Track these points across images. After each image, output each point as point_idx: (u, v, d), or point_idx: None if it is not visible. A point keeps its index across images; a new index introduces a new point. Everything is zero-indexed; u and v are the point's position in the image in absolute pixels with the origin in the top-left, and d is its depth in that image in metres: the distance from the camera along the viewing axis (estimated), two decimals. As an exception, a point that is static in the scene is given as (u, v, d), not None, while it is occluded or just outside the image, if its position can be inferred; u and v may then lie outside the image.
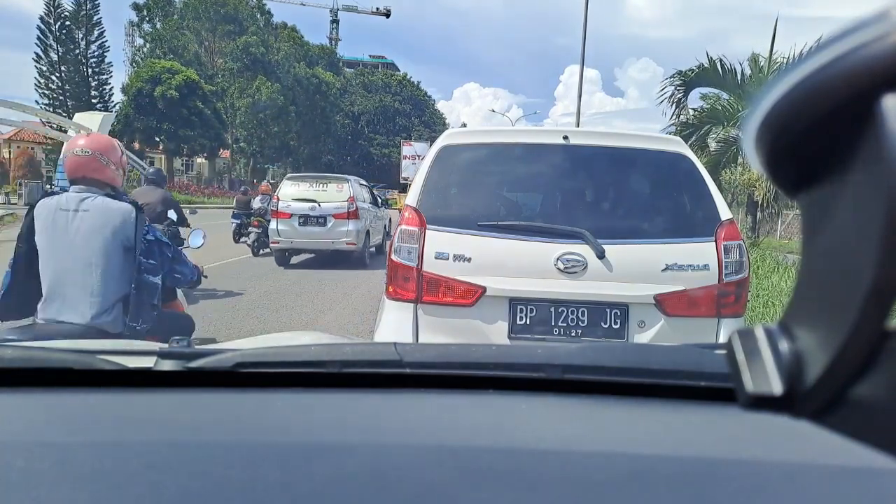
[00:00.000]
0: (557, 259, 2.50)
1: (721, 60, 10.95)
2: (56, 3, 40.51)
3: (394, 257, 2.62)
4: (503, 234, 2.58)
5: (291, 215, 9.99)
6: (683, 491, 0.61)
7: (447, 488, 0.60)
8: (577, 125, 16.32)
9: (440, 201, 2.68)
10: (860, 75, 0.24)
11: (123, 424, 0.77)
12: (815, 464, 0.66)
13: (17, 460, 0.64)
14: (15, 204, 25.47)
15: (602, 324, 2.51)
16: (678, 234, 2.59)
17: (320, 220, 10.08)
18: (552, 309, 2.52)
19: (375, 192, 12.98)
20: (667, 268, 2.51)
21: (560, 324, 2.52)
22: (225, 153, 51.18)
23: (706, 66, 11.07)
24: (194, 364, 0.90)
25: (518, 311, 2.54)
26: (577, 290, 2.49)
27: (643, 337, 2.51)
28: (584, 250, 2.50)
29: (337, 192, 10.20)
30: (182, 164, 52.65)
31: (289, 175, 11.65)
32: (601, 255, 2.49)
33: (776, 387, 0.29)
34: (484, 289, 2.53)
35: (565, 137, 2.72)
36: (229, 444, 0.70)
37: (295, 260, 10.66)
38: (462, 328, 2.57)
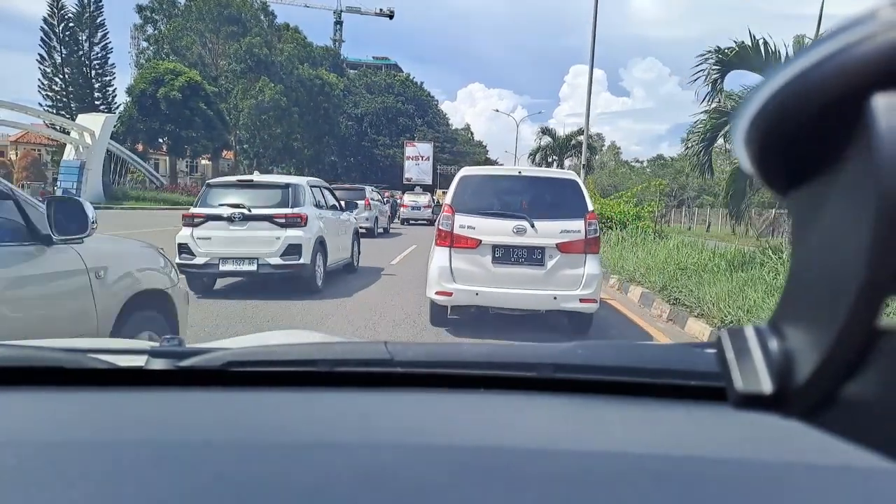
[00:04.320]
0: (513, 227, 5.37)
1: (765, 40, 9.43)
2: (60, 5, 40.62)
3: (439, 227, 5.52)
4: (490, 217, 5.48)
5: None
6: (674, 489, 0.61)
7: (438, 487, 0.60)
8: (587, 125, 16.87)
9: (462, 201, 5.58)
10: (850, 74, 0.24)
11: (114, 423, 0.77)
12: (805, 462, 0.66)
13: (8, 459, 0.64)
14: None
15: (533, 256, 5.38)
16: (568, 217, 5.43)
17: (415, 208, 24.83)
18: (511, 250, 5.40)
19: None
20: (562, 231, 5.36)
21: (514, 256, 5.39)
22: (228, 154, 51.22)
23: (748, 45, 9.49)
24: (185, 363, 0.90)
25: (496, 250, 5.41)
26: (522, 241, 5.36)
27: (551, 262, 5.35)
28: (525, 224, 5.37)
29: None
30: (186, 166, 52.75)
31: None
32: (533, 226, 5.36)
33: (766, 385, 0.29)
34: (480, 241, 5.39)
35: (519, 172, 5.85)
36: (220, 443, 0.70)
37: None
38: (471, 259, 5.40)
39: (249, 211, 7.19)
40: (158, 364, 0.90)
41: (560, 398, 0.87)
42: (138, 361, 0.92)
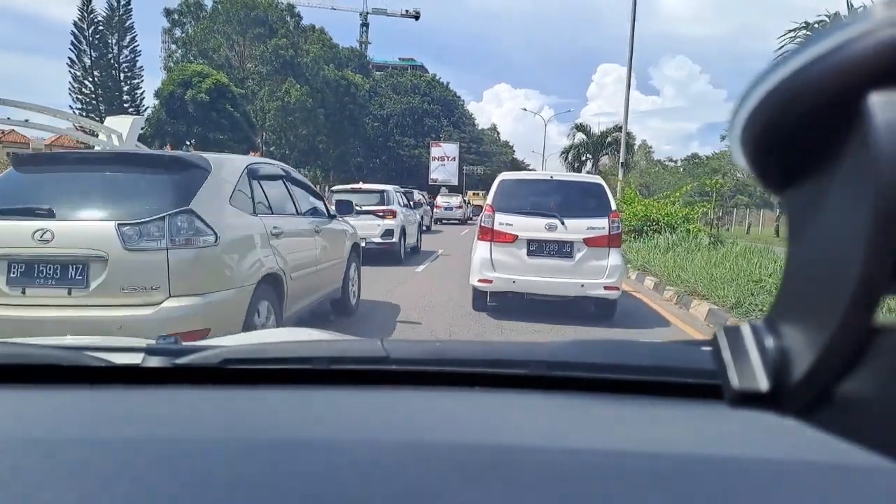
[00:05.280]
0: (545, 224, 6.28)
1: (865, 7, 8.37)
2: (90, 9, 40.96)
3: (482, 224, 6.47)
4: (526, 215, 6.36)
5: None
6: (670, 488, 0.61)
7: (434, 485, 0.60)
8: (626, 121, 17.69)
9: (501, 202, 6.49)
10: (846, 71, 0.24)
11: (111, 421, 0.78)
12: (801, 461, 0.66)
13: (5, 457, 0.64)
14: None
15: (563, 250, 6.25)
16: (594, 215, 6.32)
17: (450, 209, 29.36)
18: (544, 244, 6.30)
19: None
20: (589, 228, 6.24)
21: (546, 249, 6.29)
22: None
23: (843, 15, 8.57)
24: (182, 361, 0.90)
25: (530, 244, 6.30)
26: (553, 236, 6.26)
27: (578, 254, 6.21)
28: (556, 221, 6.26)
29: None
30: (213, 168, 52.77)
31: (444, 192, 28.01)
32: (563, 223, 6.24)
33: (762, 383, 0.29)
34: (517, 236, 6.29)
35: (551, 176, 7.08)
36: (216, 441, 0.70)
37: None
38: (509, 251, 6.29)
39: (360, 208, 10.48)
40: (155, 362, 0.90)
41: (555, 396, 0.87)
42: (135, 359, 0.92)
